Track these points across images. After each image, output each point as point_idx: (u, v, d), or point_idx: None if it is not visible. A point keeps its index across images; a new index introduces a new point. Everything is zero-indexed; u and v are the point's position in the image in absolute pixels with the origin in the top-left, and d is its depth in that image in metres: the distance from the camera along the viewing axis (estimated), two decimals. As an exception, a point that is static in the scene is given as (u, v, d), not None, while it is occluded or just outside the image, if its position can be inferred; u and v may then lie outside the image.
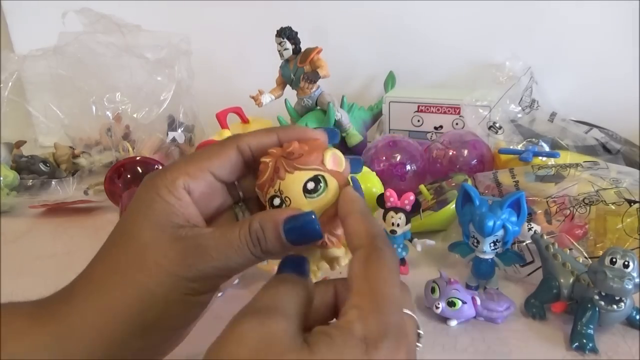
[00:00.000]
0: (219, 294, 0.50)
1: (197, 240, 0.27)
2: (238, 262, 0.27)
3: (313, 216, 0.27)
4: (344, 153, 0.30)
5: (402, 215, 0.49)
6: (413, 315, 0.25)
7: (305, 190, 0.28)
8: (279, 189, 0.28)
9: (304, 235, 0.27)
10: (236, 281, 0.52)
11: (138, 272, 0.26)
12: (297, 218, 0.27)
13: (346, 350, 0.21)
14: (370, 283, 0.23)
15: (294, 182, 0.28)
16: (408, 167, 0.68)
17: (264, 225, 0.27)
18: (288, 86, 0.79)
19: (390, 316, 0.22)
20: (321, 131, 0.31)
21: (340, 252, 0.30)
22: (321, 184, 0.28)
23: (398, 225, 0.49)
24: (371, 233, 0.26)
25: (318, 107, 0.77)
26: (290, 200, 0.28)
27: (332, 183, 0.29)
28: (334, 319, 0.26)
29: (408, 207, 0.49)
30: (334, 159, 0.29)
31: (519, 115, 0.75)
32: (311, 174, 0.28)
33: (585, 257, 0.47)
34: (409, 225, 0.50)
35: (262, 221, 0.27)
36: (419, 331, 0.27)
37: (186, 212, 0.28)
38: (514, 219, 0.44)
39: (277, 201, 0.29)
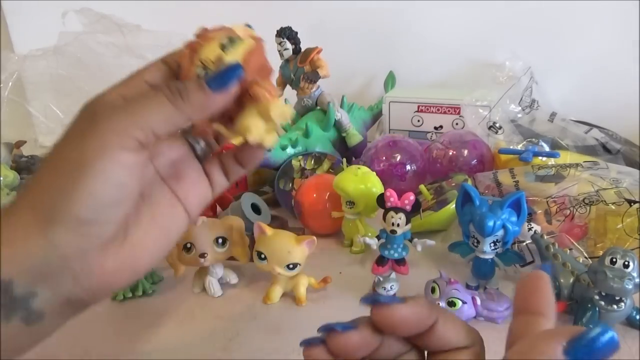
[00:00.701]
0: (218, 293, 0.51)
1: (107, 100, 0.27)
2: (155, 112, 0.26)
3: (239, 67, 0.28)
4: (344, 153, 0.30)
5: (402, 215, 0.49)
6: None
7: (222, 48, 0.29)
8: (200, 62, 0.29)
9: (227, 77, 0.27)
10: (235, 281, 0.52)
11: (58, 146, 0.28)
12: (219, 67, 0.28)
13: None
14: None
15: (210, 49, 0.29)
16: (408, 167, 0.68)
17: (184, 80, 0.28)
18: (288, 86, 0.79)
19: None
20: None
21: (275, 106, 0.30)
22: (236, 39, 0.29)
23: (398, 225, 0.49)
24: (475, 331, 0.26)
25: (318, 107, 0.77)
26: (212, 62, 0.29)
27: (241, 42, 0.30)
28: None
29: (408, 207, 0.49)
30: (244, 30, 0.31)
31: (519, 115, 0.75)
32: (223, 35, 0.29)
33: (586, 257, 0.47)
34: (409, 225, 0.50)
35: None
36: None
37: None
38: (514, 219, 0.44)
39: (200, 70, 0.29)
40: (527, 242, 0.50)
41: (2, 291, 0.24)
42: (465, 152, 0.68)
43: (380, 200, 0.51)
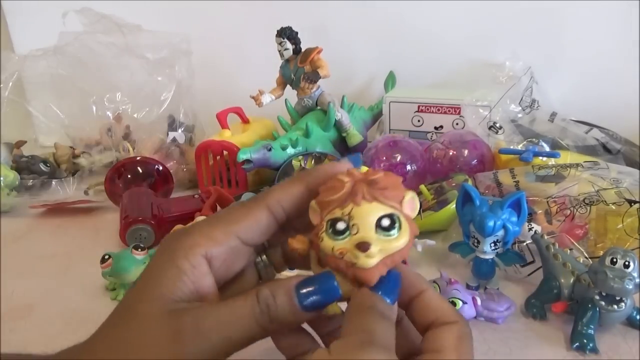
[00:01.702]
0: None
1: (196, 317, 0.25)
2: (242, 336, 0.25)
3: (332, 278, 0.25)
4: (344, 153, 0.30)
5: (402, 215, 0.49)
6: None
7: (378, 226, 0.25)
8: (349, 213, 0.25)
9: (321, 297, 0.25)
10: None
11: (135, 352, 0.24)
12: (315, 280, 0.25)
13: None
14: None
15: (369, 213, 0.25)
16: (408, 167, 0.68)
17: (274, 291, 0.25)
18: (288, 86, 0.79)
19: None
20: (346, 161, 0.30)
21: None
22: (396, 225, 0.26)
23: (398, 225, 0.49)
24: (457, 312, 0.27)
25: (318, 107, 0.77)
26: (357, 230, 0.25)
27: (406, 227, 0.26)
28: None
29: (408, 207, 0.49)
30: (411, 204, 0.27)
31: (519, 115, 0.75)
32: (389, 210, 0.26)
33: (586, 257, 0.47)
34: (409, 225, 0.50)
35: (272, 287, 0.26)
36: None
37: (198, 282, 0.26)
38: (514, 219, 0.44)
39: (341, 225, 0.26)
40: (528, 242, 0.50)
41: None
42: (466, 152, 0.68)
43: (381, 200, 0.51)
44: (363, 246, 0.25)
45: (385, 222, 0.25)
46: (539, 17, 0.84)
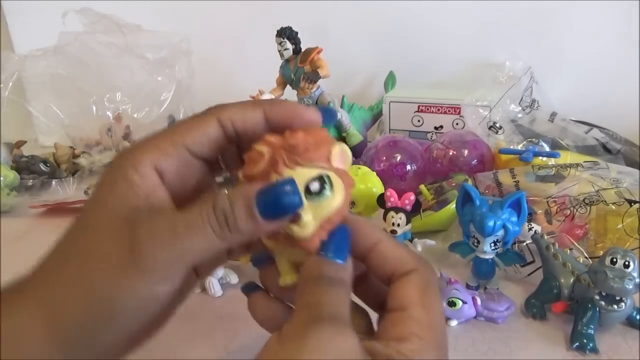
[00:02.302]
0: (219, 293, 0.51)
1: (150, 228, 0.23)
2: (201, 247, 0.23)
3: (291, 185, 0.23)
4: None
5: (402, 215, 0.49)
6: None
7: (307, 192, 0.24)
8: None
9: (281, 206, 0.23)
10: (236, 281, 0.52)
11: (86, 266, 0.24)
12: (274, 188, 0.23)
13: None
14: (429, 314, 0.24)
15: (298, 175, 0.24)
16: (408, 167, 0.68)
17: (232, 201, 0.24)
18: (288, 86, 0.79)
19: (446, 352, 0.24)
20: (315, 111, 0.27)
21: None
22: (326, 185, 0.24)
23: (398, 225, 0.49)
24: (417, 257, 0.25)
25: (318, 107, 0.77)
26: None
27: (338, 184, 0.25)
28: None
29: (408, 207, 0.49)
30: (342, 156, 0.26)
31: (519, 115, 0.75)
32: (315, 172, 0.24)
33: (586, 257, 0.47)
34: (409, 226, 0.50)
35: (230, 196, 0.24)
36: None
37: (151, 195, 0.25)
38: (514, 219, 0.44)
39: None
40: (528, 242, 0.50)
41: None
42: (466, 152, 0.68)
43: (381, 200, 0.51)
44: (293, 218, 0.24)
45: (315, 186, 0.24)
46: (539, 17, 0.84)
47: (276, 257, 0.28)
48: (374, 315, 0.29)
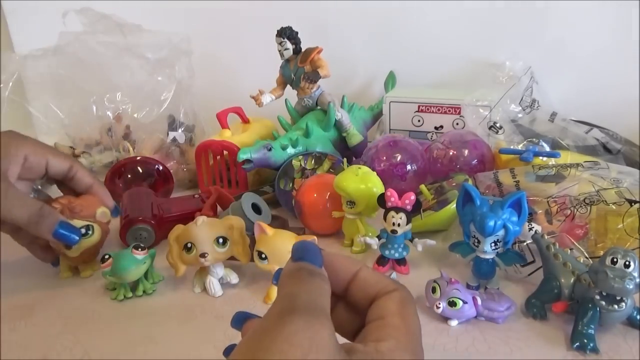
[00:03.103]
0: (219, 293, 0.50)
1: None
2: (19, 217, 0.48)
3: (70, 228, 0.51)
4: (344, 153, 0.30)
5: (402, 215, 0.49)
6: None
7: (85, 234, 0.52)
8: None
9: (66, 238, 0.50)
10: (236, 281, 0.52)
11: None
12: (63, 224, 0.50)
13: None
14: (406, 322, 0.25)
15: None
16: (409, 167, 0.68)
17: (48, 215, 0.49)
18: (288, 86, 0.79)
19: (420, 355, 0.25)
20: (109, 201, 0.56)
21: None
22: (90, 230, 0.53)
23: (399, 225, 0.49)
24: (395, 282, 0.28)
25: (318, 107, 0.77)
26: None
27: (97, 230, 0.53)
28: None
29: (409, 207, 0.49)
30: (103, 215, 0.54)
31: (520, 115, 0.75)
32: (84, 223, 0.52)
33: (586, 257, 0.47)
34: (409, 225, 0.50)
35: (49, 213, 0.50)
36: None
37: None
38: (514, 218, 0.44)
39: None
40: (528, 242, 0.50)
41: None
42: (466, 152, 0.68)
43: (381, 200, 0.51)
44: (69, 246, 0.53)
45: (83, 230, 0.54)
46: (539, 17, 0.84)
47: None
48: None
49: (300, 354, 0.20)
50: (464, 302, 0.43)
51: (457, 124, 0.77)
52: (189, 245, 0.49)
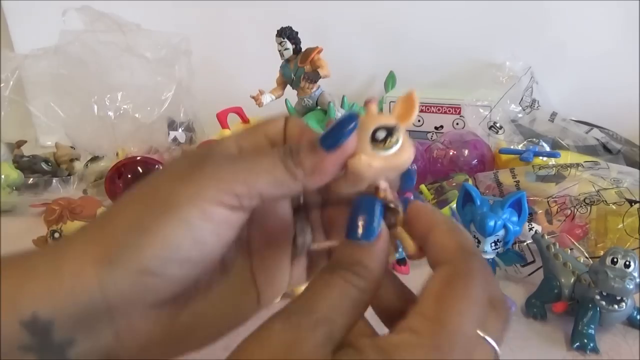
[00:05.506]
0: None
1: (214, 165, 0.22)
2: (266, 177, 0.22)
3: (350, 118, 0.24)
4: None
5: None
6: (495, 346, 0.22)
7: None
8: (60, 228, 0.54)
9: (339, 133, 0.23)
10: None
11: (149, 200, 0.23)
12: (334, 124, 0.23)
13: None
14: (442, 308, 0.20)
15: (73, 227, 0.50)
16: (408, 167, 0.68)
17: (297, 142, 0.24)
18: (288, 86, 0.79)
19: (457, 354, 0.19)
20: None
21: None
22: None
23: (399, 225, 0.49)
24: (462, 246, 0.22)
25: (318, 107, 0.77)
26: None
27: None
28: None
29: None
30: None
31: (520, 115, 0.75)
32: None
33: (586, 257, 0.47)
34: (409, 225, 0.50)
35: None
36: None
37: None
38: (514, 218, 0.44)
39: (56, 235, 0.51)
40: (528, 242, 0.50)
41: (40, 332, 0.20)
42: (466, 152, 0.68)
43: (381, 200, 0.50)
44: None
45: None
46: (539, 17, 0.84)
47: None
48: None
49: (268, 356, 0.20)
50: (464, 302, 0.43)
51: (457, 124, 0.77)
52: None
